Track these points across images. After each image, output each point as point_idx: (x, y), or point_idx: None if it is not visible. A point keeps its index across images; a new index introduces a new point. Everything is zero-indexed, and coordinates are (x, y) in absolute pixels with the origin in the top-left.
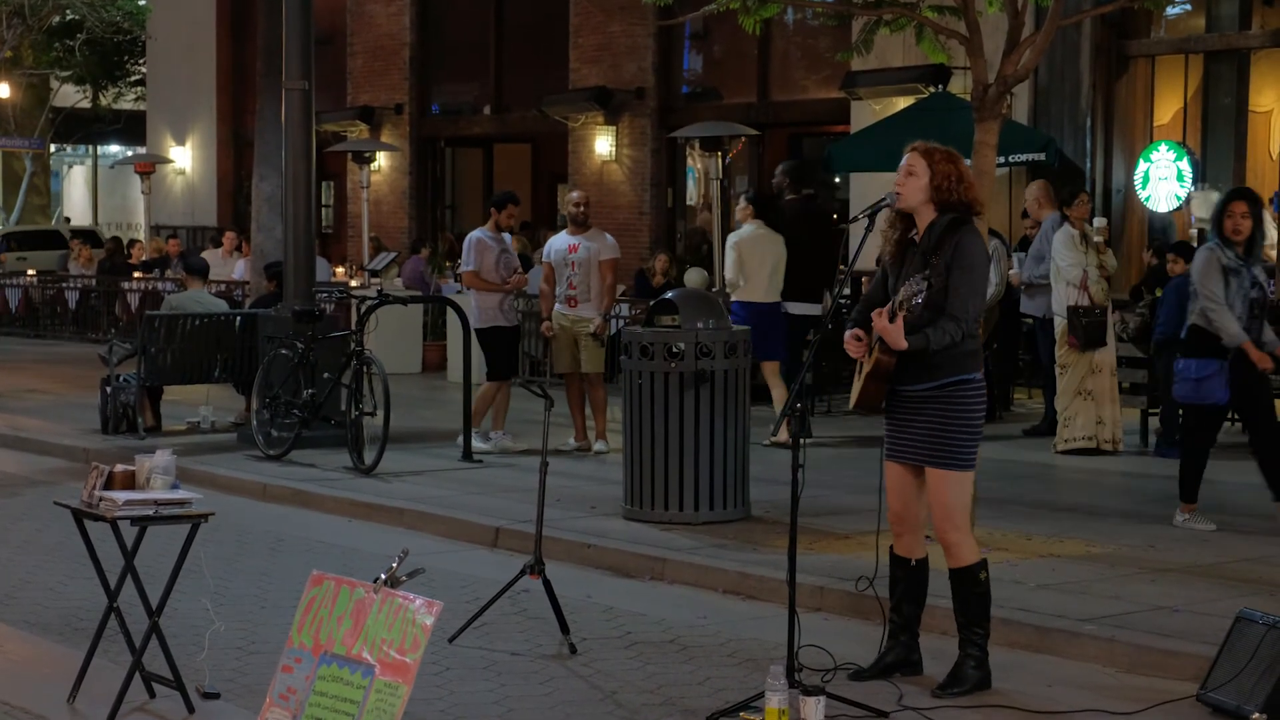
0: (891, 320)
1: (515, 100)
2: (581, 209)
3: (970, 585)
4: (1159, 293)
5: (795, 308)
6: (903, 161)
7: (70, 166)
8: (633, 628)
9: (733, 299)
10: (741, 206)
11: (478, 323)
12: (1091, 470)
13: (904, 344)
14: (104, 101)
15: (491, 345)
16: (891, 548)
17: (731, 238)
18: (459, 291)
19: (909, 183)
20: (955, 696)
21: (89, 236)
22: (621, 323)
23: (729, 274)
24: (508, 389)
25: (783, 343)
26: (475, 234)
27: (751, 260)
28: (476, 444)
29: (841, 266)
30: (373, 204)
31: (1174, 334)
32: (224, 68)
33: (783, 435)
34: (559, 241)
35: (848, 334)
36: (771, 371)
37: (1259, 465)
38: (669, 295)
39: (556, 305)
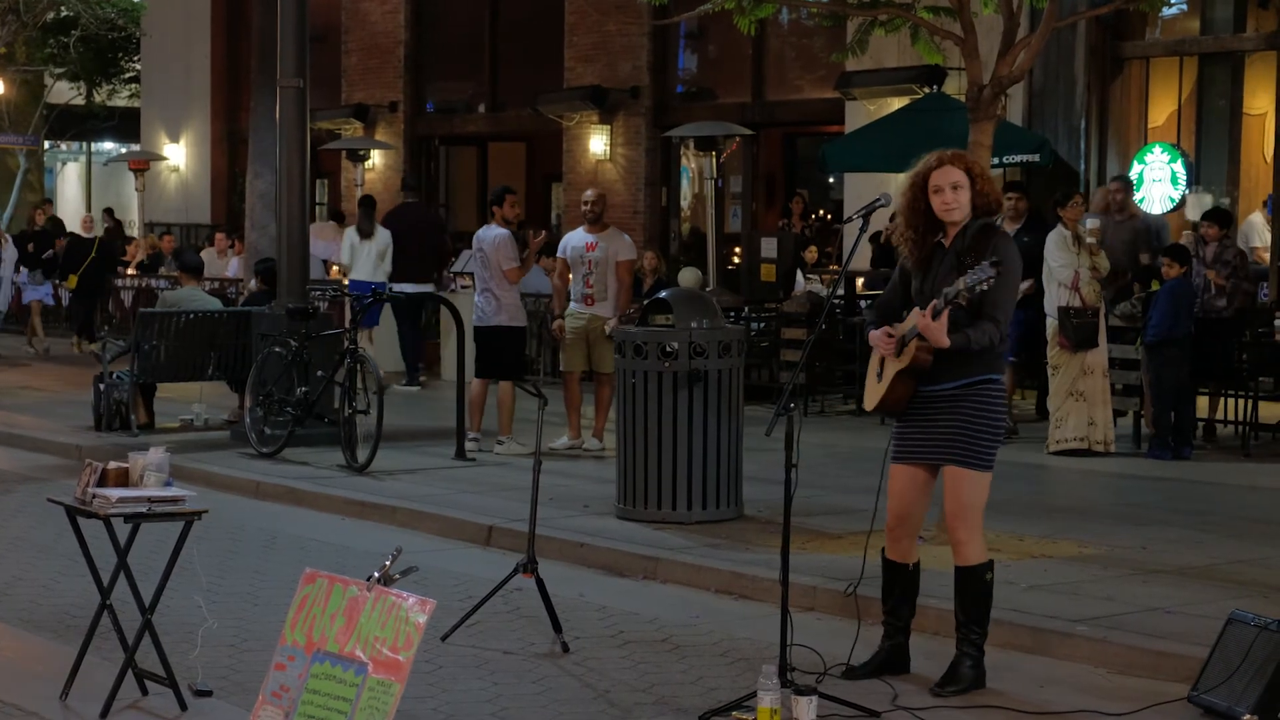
0: (935, 317)
1: (510, 99)
2: (590, 206)
3: (974, 585)
4: (1154, 286)
5: (404, 288)
6: (931, 175)
7: (64, 163)
8: (625, 627)
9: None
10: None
11: (507, 321)
12: (1083, 471)
13: (946, 342)
14: (98, 98)
15: (515, 345)
16: (884, 552)
17: (349, 233)
18: (465, 287)
19: (959, 196)
20: (951, 695)
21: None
22: None
23: (344, 258)
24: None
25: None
26: (503, 232)
27: (360, 249)
28: (512, 448)
29: (835, 267)
30: None
31: (1166, 336)
32: (218, 65)
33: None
34: (576, 238)
35: (878, 331)
36: (367, 338)
37: None
38: (663, 294)
39: (572, 304)
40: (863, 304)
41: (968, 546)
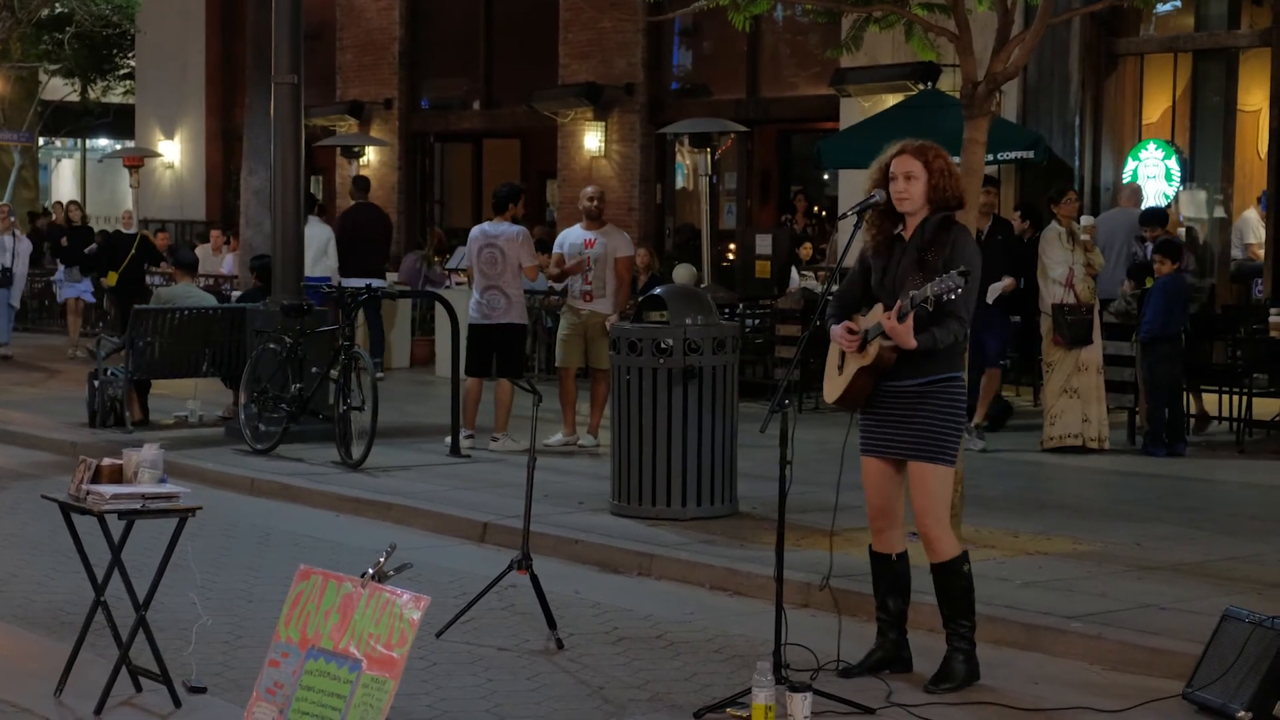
0: (901, 320)
1: (505, 95)
2: (593, 203)
3: (953, 578)
4: (1149, 283)
5: (355, 282)
6: (890, 163)
7: (59, 160)
8: (620, 623)
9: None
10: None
11: (516, 319)
12: (1078, 468)
13: (913, 343)
14: (93, 95)
15: (520, 343)
16: (871, 546)
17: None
18: (460, 284)
19: (911, 187)
20: (946, 691)
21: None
22: None
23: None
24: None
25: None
26: (522, 229)
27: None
28: (508, 445)
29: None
30: None
31: (1160, 333)
32: (213, 62)
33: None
34: (574, 235)
35: (839, 327)
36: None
37: None
38: (657, 291)
39: (570, 300)
40: None
41: (941, 541)
